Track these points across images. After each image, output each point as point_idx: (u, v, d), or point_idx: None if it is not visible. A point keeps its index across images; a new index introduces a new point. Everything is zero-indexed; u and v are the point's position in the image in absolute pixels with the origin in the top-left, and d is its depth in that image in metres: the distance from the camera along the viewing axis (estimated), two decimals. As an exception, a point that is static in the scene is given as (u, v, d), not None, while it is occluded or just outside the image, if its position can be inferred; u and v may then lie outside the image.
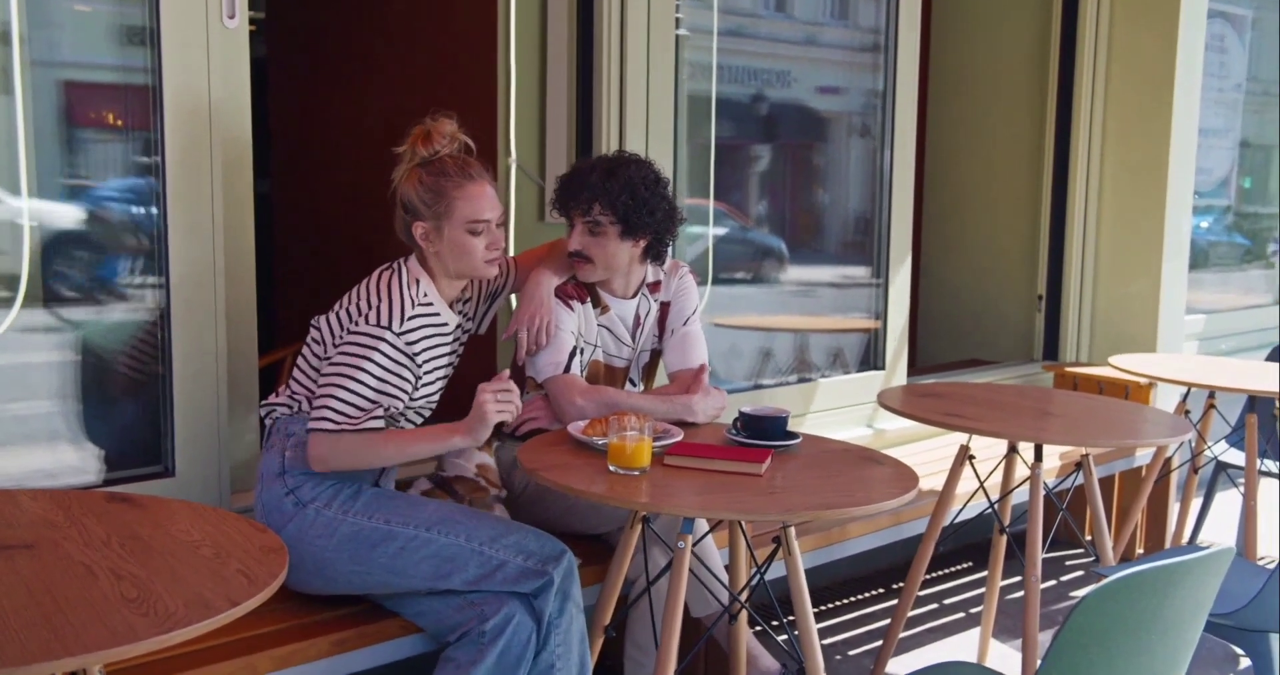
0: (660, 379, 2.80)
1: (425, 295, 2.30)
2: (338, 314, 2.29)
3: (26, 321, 2.41)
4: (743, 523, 2.45)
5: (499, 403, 2.15)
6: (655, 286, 2.69)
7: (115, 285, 2.56)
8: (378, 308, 2.23)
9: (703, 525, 2.45)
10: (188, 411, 2.52)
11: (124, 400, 2.60)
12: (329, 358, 2.25)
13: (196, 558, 1.61)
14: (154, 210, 2.48)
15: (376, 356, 2.20)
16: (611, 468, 2.14)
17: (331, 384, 2.19)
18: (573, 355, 2.53)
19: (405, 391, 2.25)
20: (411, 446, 2.23)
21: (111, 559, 1.59)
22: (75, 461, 2.50)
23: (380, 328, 2.20)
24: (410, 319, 2.25)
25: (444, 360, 2.39)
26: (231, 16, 2.52)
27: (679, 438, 2.33)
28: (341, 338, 2.24)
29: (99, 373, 2.57)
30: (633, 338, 2.67)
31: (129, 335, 2.56)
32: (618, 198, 2.48)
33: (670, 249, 2.70)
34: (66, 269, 2.52)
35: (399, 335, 2.23)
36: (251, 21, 4.01)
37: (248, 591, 1.47)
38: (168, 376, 2.50)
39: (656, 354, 2.75)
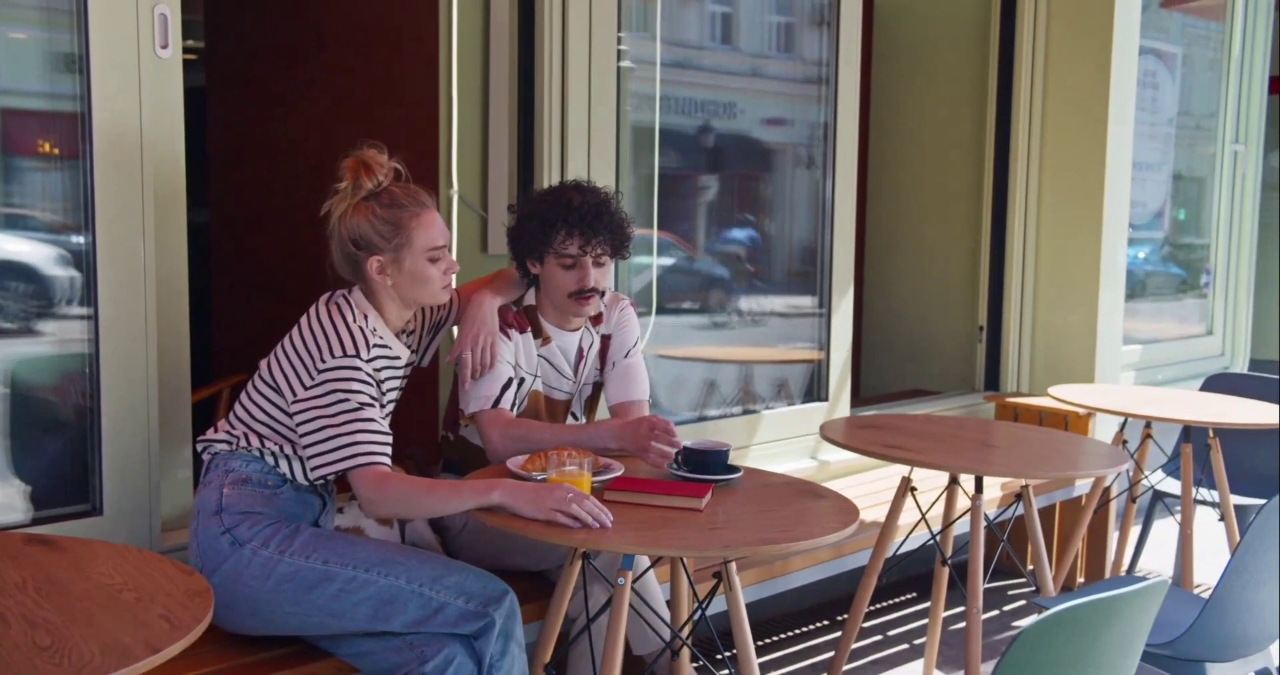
0: (602, 412, 2.78)
1: (375, 330, 2.28)
2: (289, 356, 2.22)
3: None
4: (684, 558, 2.43)
5: (560, 503, 2.04)
6: (596, 319, 2.68)
7: (43, 317, 2.49)
8: (339, 340, 2.19)
9: (643, 561, 2.43)
10: (116, 448, 2.45)
11: (51, 436, 2.53)
12: (301, 399, 2.18)
13: (117, 603, 1.56)
14: (84, 239, 2.42)
15: (358, 385, 2.17)
16: (550, 503, 2.10)
17: (336, 423, 2.14)
18: (505, 388, 2.50)
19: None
20: (455, 499, 2.14)
21: (25, 605, 1.53)
22: (1, 498, 2.43)
23: (349, 356, 2.18)
24: (371, 348, 2.23)
25: (395, 394, 2.37)
26: (164, 46, 2.48)
27: (619, 472, 2.31)
28: (310, 380, 2.18)
29: (26, 407, 2.50)
30: (575, 371, 2.65)
31: (57, 368, 2.49)
32: (617, 227, 2.52)
33: (615, 281, 2.70)
34: (-8, 300, 2.45)
35: (367, 362, 2.20)
36: (190, 50, 3.97)
37: (169, 637, 1.42)
38: (96, 411, 2.43)
39: (597, 387, 2.73)
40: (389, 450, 2.18)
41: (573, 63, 3.18)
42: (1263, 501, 3.13)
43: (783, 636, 3.70)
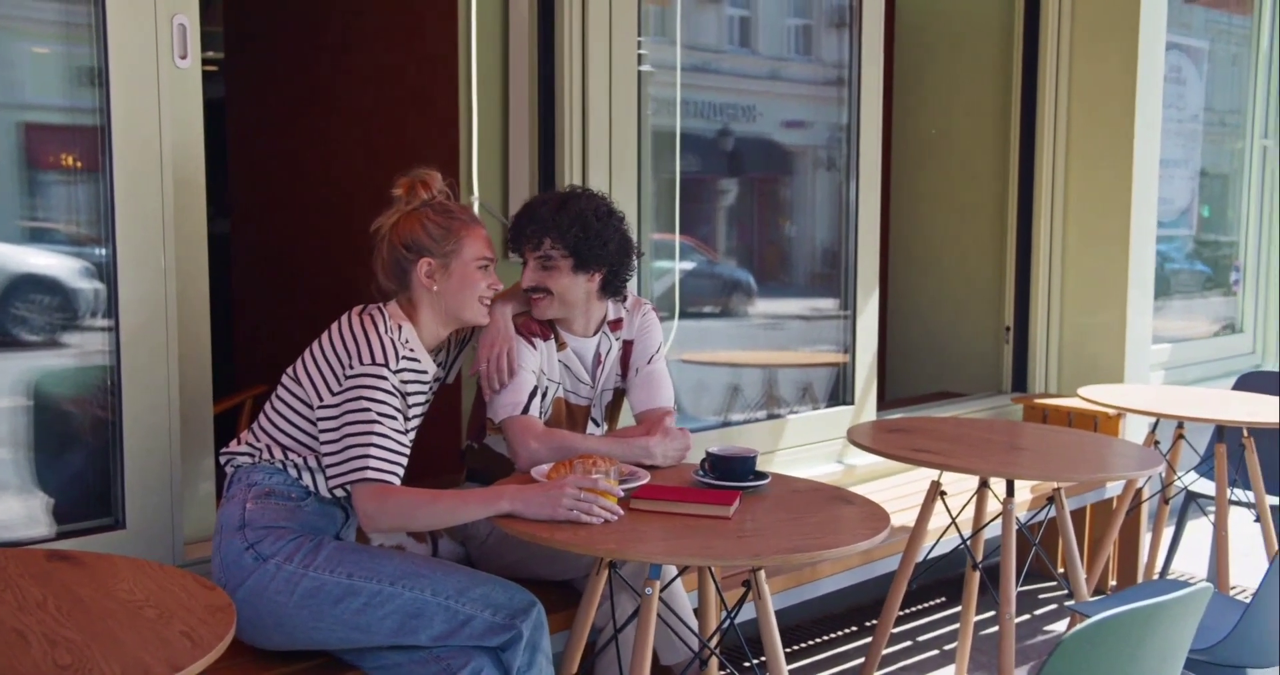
0: (625, 419, 2.75)
1: (408, 341, 2.26)
2: (318, 362, 2.22)
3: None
4: (712, 567, 2.40)
5: (576, 502, 2.06)
6: (616, 324, 2.65)
7: (65, 329, 2.49)
8: (369, 347, 2.18)
9: (671, 570, 2.40)
10: (139, 461, 2.44)
11: (73, 449, 2.52)
12: (327, 406, 2.17)
13: (139, 619, 1.54)
14: (105, 252, 2.41)
15: (381, 395, 2.15)
16: (576, 513, 2.07)
17: (353, 433, 2.13)
18: (533, 396, 2.47)
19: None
20: (461, 509, 2.14)
21: (46, 623, 1.51)
22: (24, 513, 2.42)
23: (377, 365, 2.17)
24: (400, 360, 2.22)
25: (420, 409, 2.34)
26: (184, 57, 2.47)
27: (645, 480, 2.28)
28: (338, 385, 2.17)
29: (48, 421, 2.49)
30: (592, 377, 2.62)
31: (79, 381, 2.48)
32: (568, 230, 2.45)
33: (637, 285, 2.66)
34: (14, 312, 2.45)
35: (395, 373, 2.19)
36: (210, 62, 3.97)
37: (191, 656, 1.40)
38: (118, 425, 2.42)
39: (619, 393, 2.70)
40: (401, 466, 2.16)
41: (593, 68, 3.16)
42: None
43: (811, 642, 3.66)
